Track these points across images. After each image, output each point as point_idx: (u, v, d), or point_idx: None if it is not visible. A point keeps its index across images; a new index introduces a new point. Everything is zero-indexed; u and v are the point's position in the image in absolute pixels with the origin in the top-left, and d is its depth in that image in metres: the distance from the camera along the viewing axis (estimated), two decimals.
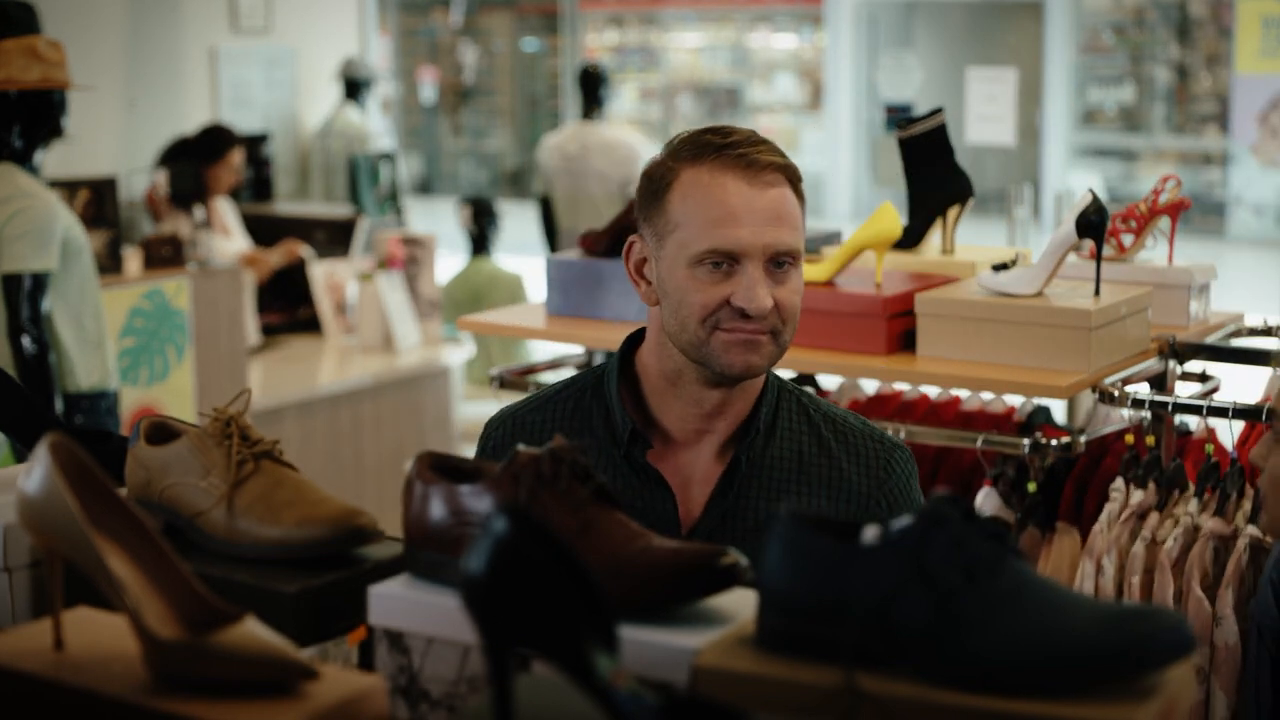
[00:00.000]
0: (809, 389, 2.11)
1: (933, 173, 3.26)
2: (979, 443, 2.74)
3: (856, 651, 1.19)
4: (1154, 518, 2.59)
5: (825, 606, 1.22)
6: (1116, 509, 2.62)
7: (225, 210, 6.73)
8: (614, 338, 3.19)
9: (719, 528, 1.93)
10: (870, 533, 1.24)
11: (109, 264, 5.08)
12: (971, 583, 1.19)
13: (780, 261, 1.91)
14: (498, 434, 2.08)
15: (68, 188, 5.04)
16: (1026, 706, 1.15)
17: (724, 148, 1.91)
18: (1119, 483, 2.66)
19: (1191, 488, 2.67)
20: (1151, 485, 2.66)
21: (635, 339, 2.07)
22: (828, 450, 1.99)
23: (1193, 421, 2.96)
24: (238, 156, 6.82)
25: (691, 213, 1.90)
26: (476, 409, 6.72)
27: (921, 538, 1.21)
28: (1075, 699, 1.16)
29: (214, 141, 6.75)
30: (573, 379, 2.09)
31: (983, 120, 7.87)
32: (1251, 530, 2.47)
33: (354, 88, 8.97)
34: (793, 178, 1.94)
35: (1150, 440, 2.72)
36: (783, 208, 1.91)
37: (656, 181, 1.95)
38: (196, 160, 6.57)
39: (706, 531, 1.93)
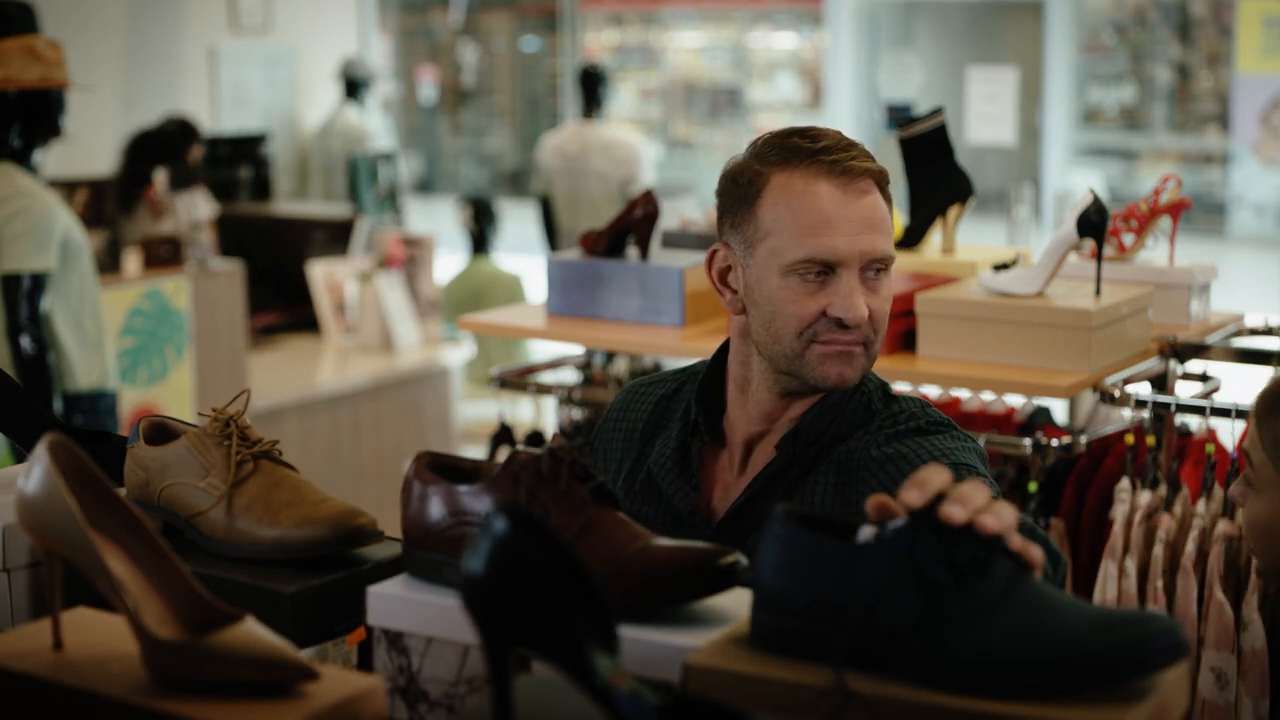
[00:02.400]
0: (912, 397, 1.97)
1: (933, 172, 3.26)
2: (981, 443, 2.73)
3: (848, 651, 1.19)
4: (1166, 519, 2.59)
5: (818, 605, 1.22)
6: (1128, 510, 2.62)
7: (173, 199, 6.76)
8: (614, 338, 3.18)
9: (739, 527, 1.92)
10: (865, 532, 1.24)
11: (108, 264, 5.08)
12: (960, 583, 1.19)
13: (875, 269, 1.88)
14: (623, 396, 2.12)
15: (66, 187, 5.04)
16: (1015, 709, 1.15)
17: (817, 153, 1.87)
18: (1125, 483, 2.66)
19: (1184, 488, 2.67)
20: (1160, 486, 2.66)
21: None
22: (851, 467, 1.89)
23: (1193, 422, 2.96)
24: (198, 151, 6.90)
25: (784, 220, 1.86)
26: (476, 409, 6.72)
27: (912, 537, 1.20)
28: (1065, 702, 1.15)
29: (178, 134, 6.84)
30: (699, 362, 2.08)
31: (983, 120, 7.88)
32: None
33: (354, 87, 8.97)
34: (882, 182, 1.90)
35: (1151, 440, 2.72)
36: (875, 214, 1.88)
37: (744, 187, 1.90)
38: (159, 153, 6.62)
39: (725, 530, 1.92)
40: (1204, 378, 2.96)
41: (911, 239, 3.27)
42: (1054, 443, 2.73)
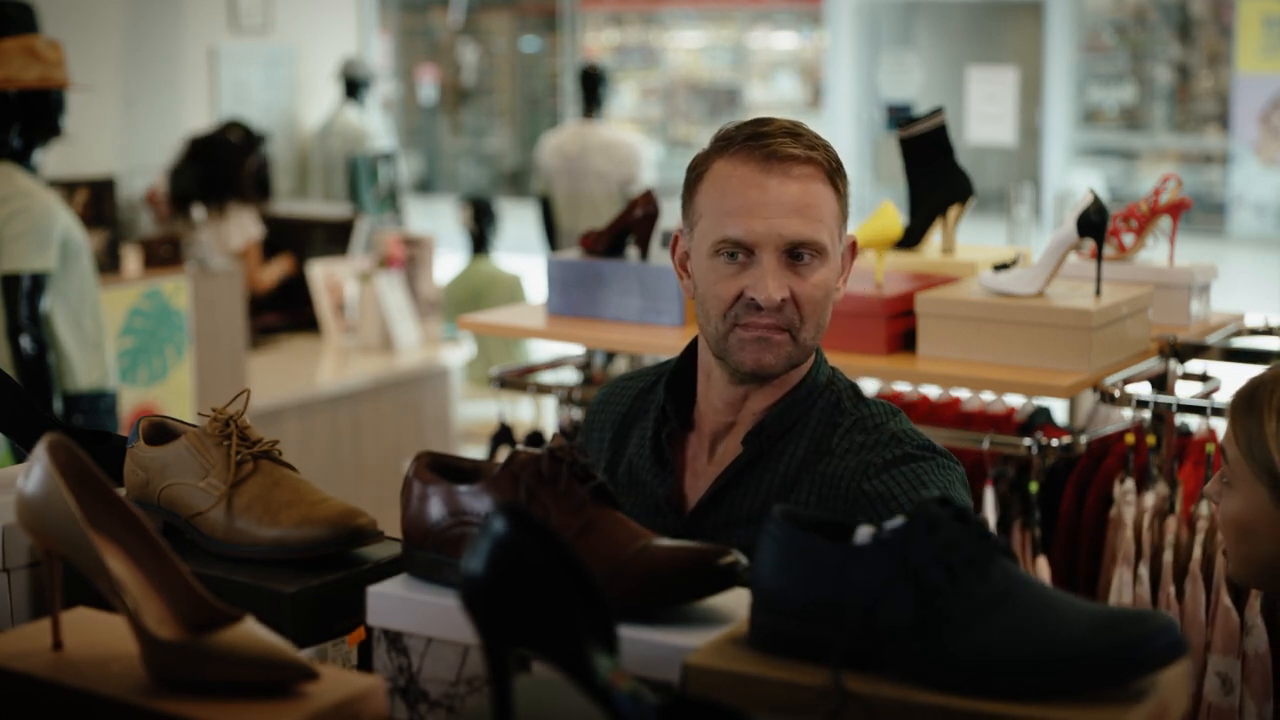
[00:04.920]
0: (881, 400, 2.00)
1: (933, 172, 3.26)
2: (985, 444, 2.73)
3: (846, 651, 1.19)
4: (1172, 522, 2.59)
5: (816, 606, 1.22)
6: (1135, 513, 2.62)
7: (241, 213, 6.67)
8: (614, 338, 3.18)
9: (710, 517, 1.93)
10: (863, 533, 1.24)
11: (108, 264, 5.08)
12: (956, 583, 1.19)
13: (798, 254, 1.88)
14: (604, 391, 2.15)
15: (66, 187, 5.04)
16: (1015, 709, 1.15)
17: (751, 138, 1.90)
18: (1129, 485, 2.66)
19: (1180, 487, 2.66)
20: (1160, 487, 2.66)
21: None
22: (831, 455, 1.91)
23: (1193, 422, 2.96)
24: (253, 161, 6.84)
25: (712, 203, 1.91)
26: (476, 409, 6.72)
27: (909, 537, 1.20)
28: (1065, 702, 1.15)
29: (240, 144, 6.76)
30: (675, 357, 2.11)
31: (983, 120, 7.87)
32: None
33: (354, 87, 8.97)
34: (829, 171, 1.91)
35: (1151, 440, 2.72)
36: (805, 200, 1.88)
37: (691, 173, 1.97)
38: (219, 161, 6.56)
39: (698, 519, 1.94)
40: (1204, 378, 2.96)
41: (911, 239, 3.27)
42: (1054, 443, 2.73)
